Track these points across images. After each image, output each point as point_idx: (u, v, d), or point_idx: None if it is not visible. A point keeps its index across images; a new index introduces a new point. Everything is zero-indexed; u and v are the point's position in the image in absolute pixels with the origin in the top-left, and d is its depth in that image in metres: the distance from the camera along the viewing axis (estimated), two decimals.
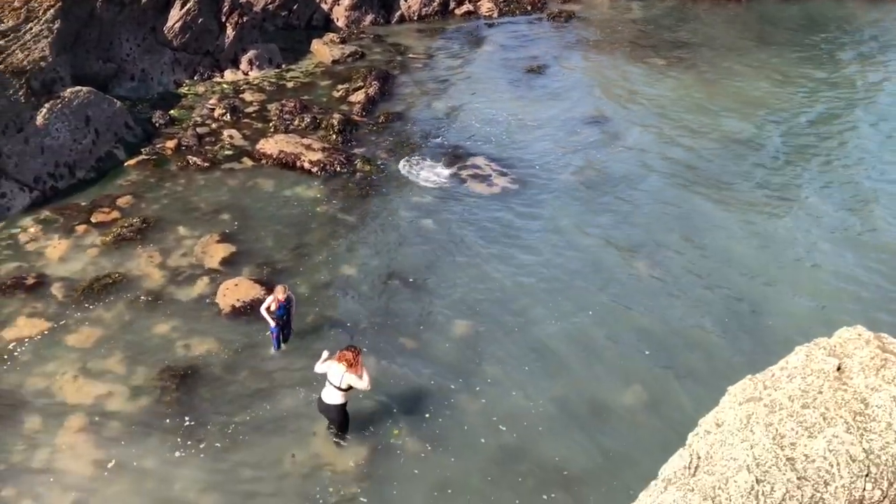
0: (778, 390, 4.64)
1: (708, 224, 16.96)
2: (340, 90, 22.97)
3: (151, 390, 11.89)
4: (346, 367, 10.26)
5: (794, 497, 3.85)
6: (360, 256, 15.54)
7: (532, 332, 13.51)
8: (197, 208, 16.71)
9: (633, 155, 20.05)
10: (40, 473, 10.44)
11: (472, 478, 10.64)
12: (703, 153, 20.10)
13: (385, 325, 13.54)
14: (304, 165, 18.54)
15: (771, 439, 4.24)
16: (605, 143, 20.64)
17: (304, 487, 10.40)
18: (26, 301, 13.60)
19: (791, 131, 21.54)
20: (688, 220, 17.07)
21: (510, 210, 17.35)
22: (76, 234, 15.55)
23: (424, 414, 11.66)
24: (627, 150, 20.29)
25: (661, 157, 19.95)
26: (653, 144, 20.62)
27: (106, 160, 18.03)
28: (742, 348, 13.05)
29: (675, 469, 4.77)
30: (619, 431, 11.50)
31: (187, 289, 14.22)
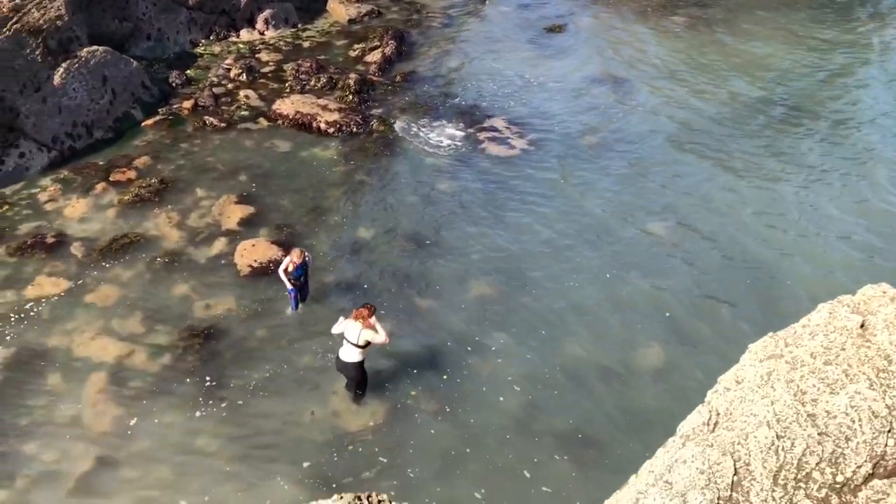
0: (800, 347, 4.60)
1: (723, 187, 16.74)
2: (356, 50, 22.76)
3: (171, 349, 12.01)
4: (363, 324, 10.33)
5: (815, 452, 3.82)
6: (376, 218, 15.51)
7: (547, 295, 13.49)
8: (214, 169, 16.71)
9: (650, 117, 19.78)
10: (63, 429, 10.61)
11: (488, 438, 10.70)
12: (718, 116, 19.78)
13: (401, 287, 13.56)
14: (321, 126, 18.45)
15: (792, 395, 4.21)
16: (622, 105, 20.37)
17: (322, 445, 10.52)
18: (46, 260, 13.72)
19: (805, 93, 21.11)
20: (704, 184, 16.85)
21: (526, 173, 17.22)
22: (94, 193, 15.62)
23: (440, 375, 11.72)
24: (644, 112, 20.02)
25: (679, 120, 19.66)
26: (670, 107, 20.31)
27: (123, 120, 18.04)
28: (756, 312, 12.94)
29: (693, 426, 4.76)
30: (634, 394, 11.50)
31: (205, 249, 14.28)
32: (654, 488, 4.35)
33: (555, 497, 9.76)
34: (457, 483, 9.98)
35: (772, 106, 20.36)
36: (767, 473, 3.87)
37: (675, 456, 4.51)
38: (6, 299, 12.81)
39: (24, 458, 10.16)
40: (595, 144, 18.47)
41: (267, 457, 10.31)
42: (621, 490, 4.96)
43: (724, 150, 18.21)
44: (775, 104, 20.44)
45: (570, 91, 21.18)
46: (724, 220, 15.61)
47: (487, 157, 17.76)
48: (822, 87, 21.57)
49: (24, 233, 14.40)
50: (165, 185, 15.89)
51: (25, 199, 15.40)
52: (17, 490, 9.72)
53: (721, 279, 13.93)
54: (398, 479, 9.97)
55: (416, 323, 12.71)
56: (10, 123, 15.85)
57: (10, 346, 11.88)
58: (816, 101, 20.66)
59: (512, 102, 20.39)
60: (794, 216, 15.73)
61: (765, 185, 16.78)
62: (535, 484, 9.99)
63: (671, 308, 13.17)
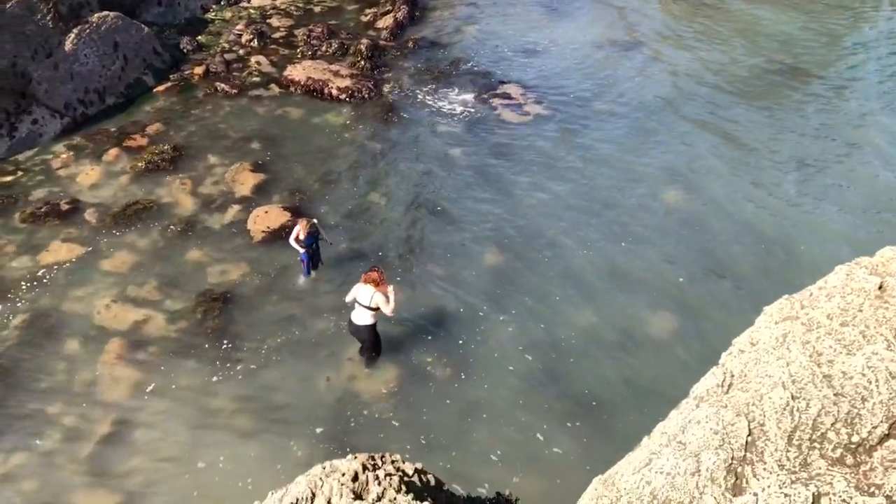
0: (816, 309, 4.56)
1: (732, 155, 16.55)
2: (368, 15, 22.53)
3: (187, 315, 12.09)
4: (374, 287, 10.37)
5: (830, 413, 3.80)
6: (389, 184, 15.47)
7: (561, 262, 13.45)
8: (226, 136, 16.68)
9: (666, 83, 19.53)
10: (82, 394, 10.74)
11: (501, 404, 10.75)
12: (727, 82, 19.51)
13: (414, 253, 13.56)
14: (332, 92, 18.34)
15: (808, 357, 4.18)
16: (640, 70, 20.13)
17: (336, 409, 10.60)
18: (61, 226, 13.79)
19: (813, 59, 20.72)
20: (713, 152, 16.65)
21: (541, 138, 17.09)
22: (107, 160, 15.64)
23: (453, 341, 11.75)
24: (657, 79, 19.77)
25: (691, 86, 19.40)
26: (687, 72, 20.04)
27: (135, 86, 18.00)
28: (773, 279, 12.86)
29: (707, 387, 4.75)
30: (648, 361, 11.50)
31: (219, 216, 14.30)
32: (668, 449, 4.36)
33: (566, 460, 9.82)
34: (470, 447, 10.06)
35: (779, 72, 20.04)
36: (782, 434, 3.86)
37: (688, 417, 4.51)
38: (22, 265, 12.91)
39: (45, 421, 10.30)
40: (607, 111, 18.29)
41: (282, 420, 10.41)
42: (633, 451, 4.97)
43: (732, 116, 17.98)
44: (782, 70, 20.12)
45: (583, 57, 20.92)
46: (733, 187, 15.45)
47: (500, 124, 17.62)
48: (828, 51, 21.21)
49: (38, 199, 14.46)
50: (178, 152, 15.88)
51: (39, 165, 15.45)
52: (38, 453, 9.88)
53: (729, 247, 13.83)
54: (412, 443, 10.05)
55: (428, 290, 12.72)
56: (22, 89, 15.84)
57: (28, 311, 12.00)
58: (822, 67, 20.32)
59: (524, 68, 20.19)
60: (802, 183, 15.57)
61: (772, 153, 16.58)
62: (547, 448, 10.05)
63: (680, 276, 13.11)
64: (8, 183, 14.86)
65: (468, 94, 18.75)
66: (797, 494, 3.44)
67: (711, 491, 3.79)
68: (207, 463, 9.76)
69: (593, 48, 21.34)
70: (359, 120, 17.55)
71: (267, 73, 19.23)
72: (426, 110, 18.10)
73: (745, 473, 3.78)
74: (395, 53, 20.62)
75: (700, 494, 3.82)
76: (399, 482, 4.34)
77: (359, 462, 4.57)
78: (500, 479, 9.15)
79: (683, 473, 4.01)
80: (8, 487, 9.38)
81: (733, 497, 3.71)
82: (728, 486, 3.77)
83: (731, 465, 3.86)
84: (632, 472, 4.50)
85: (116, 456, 9.87)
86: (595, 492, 4.69)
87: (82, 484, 9.47)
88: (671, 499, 3.95)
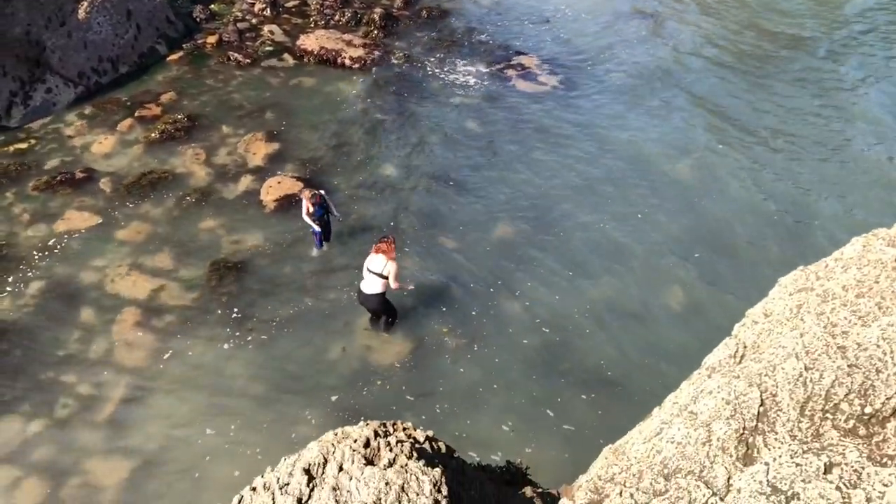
0: (831, 280, 4.52)
1: (753, 125, 16.39)
2: None
3: (201, 284, 12.16)
4: (386, 257, 10.39)
5: (844, 384, 3.78)
6: (401, 156, 15.42)
7: (574, 235, 13.40)
8: (239, 106, 16.65)
9: (682, 54, 19.31)
10: (98, 362, 10.85)
11: (514, 375, 10.75)
12: (750, 51, 19.30)
13: (426, 226, 13.53)
14: (345, 62, 18.24)
15: (822, 328, 4.15)
16: (655, 42, 19.89)
17: (349, 378, 10.66)
18: (75, 195, 13.85)
19: (843, 30, 20.41)
20: (734, 122, 16.50)
21: (555, 110, 16.95)
22: (121, 129, 15.66)
23: (468, 312, 11.75)
24: (675, 49, 19.55)
25: (712, 57, 19.18)
26: (703, 44, 19.80)
27: (148, 55, 17.96)
28: (786, 253, 12.77)
29: (720, 358, 4.73)
30: (660, 334, 11.48)
31: (232, 186, 14.32)
32: (679, 418, 4.35)
33: (578, 432, 9.85)
34: (482, 418, 10.11)
35: (805, 41, 19.76)
36: (794, 404, 3.84)
37: (700, 387, 4.50)
38: (38, 233, 13.00)
39: (60, 389, 10.42)
40: (624, 81, 18.11)
41: (295, 389, 10.49)
42: (644, 421, 4.97)
43: (754, 87, 17.79)
44: (809, 39, 19.83)
45: (600, 26, 20.69)
46: (754, 159, 15.32)
47: (515, 94, 17.49)
48: (859, 20, 20.84)
49: (52, 167, 14.52)
50: (192, 122, 15.88)
51: (52, 134, 15.49)
52: (55, 419, 10.01)
53: (748, 220, 13.73)
54: (424, 412, 10.10)
55: (442, 262, 12.71)
56: (36, 58, 15.85)
57: (43, 279, 12.09)
58: (852, 38, 19.99)
59: (540, 38, 19.98)
60: (826, 157, 15.39)
61: (797, 124, 16.40)
62: (559, 419, 10.08)
63: (692, 250, 13.05)
64: (22, 151, 14.92)
65: (482, 64, 18.60)
66: (808, 464, 3.43)
67: (722, 460, 3.79)
68: (220, 430, 9.86)
69: (612, 19, 21.10)
70: (372, 90, 17.46)
71: (280, 43, 19.13)
72: (439, 80, 17.97)
73: (757, 443, 3.77)
74: (408, 23, 20.44)
75: (710, 463, 3.82)
76: (410, 449, 4.37)
77: (370, 429, 4.60)
78: (511, 449, 9.20)
79: (694, 443, 4.01)
80: (26, 454, 9.53)
81: (744, 466, 3.71)
82: (739, 455, 3.77)
83: (742, 435, 3.85)
84: (642, 441, 4.51)
85: (131, 423, 9.99)
86: (605, 460, 4.70)
87: (98, 450, 9.60)
88: (681, 468, 3.96)
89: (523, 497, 4.94)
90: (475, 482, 4.60)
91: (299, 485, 4.12)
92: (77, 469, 9.36)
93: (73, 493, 9.09)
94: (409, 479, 4.04)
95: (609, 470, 4.53)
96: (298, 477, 4.18)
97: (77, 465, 9.42)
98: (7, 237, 12.84)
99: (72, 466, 9.40)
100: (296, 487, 4.12)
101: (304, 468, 4.23)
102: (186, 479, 9.24)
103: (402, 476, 4.05)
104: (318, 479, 4.18)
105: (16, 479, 9.21)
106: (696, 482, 3.78)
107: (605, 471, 4.59)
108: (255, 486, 4.43)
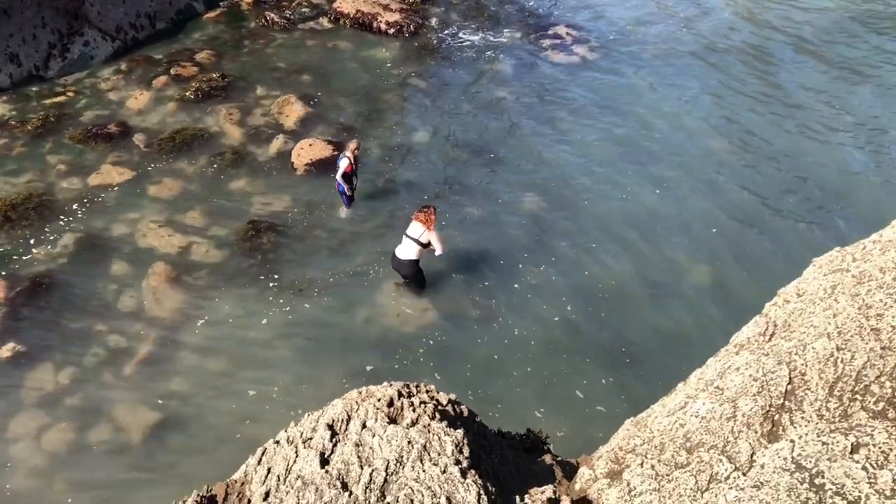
0: (868, 262, 4.43)
1: (788, 104, 16.05)
2: None
3: (231, 243, 12.25)
4: (424, 226, 10.41)
5: (876, 366, 3.72)
6: (433, 123, 15.35)
7: (601, 209, 13.29)
8: (274, 67, 16.65)
9: (719, 27, 18.95)
10: (127, 314, 11.02)
11: (537, 348, 10.73)
12: (793, 30, 18.82)
13: (454, 193, 13.49)
14: (381, 27, 18.13)
15: (856, 309, 4.08)
16: (693, 18, 19.52)
17: (373, 341, 10.72)
18: (110, 150, 13.99)
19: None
20: (770, 100, 16.17)
21: (588, 83, 16.75)
22: (156, 86, 15.75)
23: (493, 283, 11.70)
24: (714, 22, 19.19)
25: (751, 37, 18.77)
26: (743, 23, 19.39)
27: (185, 12, 18.00)
28: (819, 235, 12.56)
29: (748, 336, 4.68)
30: (686, 311, 11.37)
31: (265, 147, 14.37)
32: (704, 393, 4.33)
33: (600, 403, 9.84)
34: (504, 387, 10.12)
35: (856, 25, 19.22)
36: (823, 384, 3.80)
37: (727, 363, 4.46)
38: (73, 185, 13.17)
39: (91, 339, 10.60)
40: (659, 56, 17.81)
41: (320, 350, 10.55)
42: (668, 395, 4.95)
43: (794, 68, 17.38)
44: (860, 23, 19.28)
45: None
46: (790, 140, 15.02)
47: (549, 65, 17.29)
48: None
49: (87, 121, 14.67)
50: (227, 82, 15.91)
51: (89, 87, 15.63)
52: (85, 368, 10.20)
53: (778, 200, 13.51)
54: (446, 378, 10.14)
55: (468, 231, 12.68)
56: (76, 10, 15.95)
57: (77, 231, 12.27)
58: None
59: (575, 9, 19.71)
60: (866, 141, 15.05)
61: (837, 108, 16.03)
62: (581, 391, 10.07)
63: (722, 227, 12.88)
64: (58, 104, 15.07)
65: (517, 33, 18.39)
66: (835, 443, 3.40)
67: (747, 436, 3.76)
68: (244, 388, 9.99)
69: None
70: (406, 56, 17.35)
71: (316, 5, 19.05)
72: (474, 49, 17.81)
73: (783, 421, 3.74)
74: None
75: (735, 439, 3.80)
76: (433, 410, 4.39)
77: (394, 389, 4.63)
78: (532, 418, 9.22)
79: (719, 418, 3.99)
80: (56, 401, 9.75)
81: (769, 443, 3.68)
82: (764, 432, 3.74)
83: (768, 412, 3.82)
84: (665, 414, 4.49)
85: (159, 376, 10.15)
86: (627, 432, 4.70)
87: (125, 400, 9.78)
88: (705, 442, 3.94)
89: (542, 464, 4.96)
90: (496, 447, 4.62)
91: (322, 439, 4.17)
92: (104, 418, 9.56)
93: (100, 440, 9.29)
94: (431, 439, 4.07)
95: (630, 441, 4.53)
96: (322, 432, 4.23)
97: (103, 413, 9.61)
98: (44, 189, 13.02)
99: (97, 414, 9.58)
100: (319, 442, 4.17)
101: (327, 423, 4.28)
102: (209, 432, 9.40)
103: (425, 435, 4.08)
104: (340, 434, 4.22)
105: (45, 425, 9.43)
106: (718, 456, 3.76)
107: (626, 441, 4.59)
108: (279, 439, 4.49)
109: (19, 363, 10.17)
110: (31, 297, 11.10)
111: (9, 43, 15.09)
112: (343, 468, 3.97)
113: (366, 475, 3.89)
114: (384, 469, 3.91)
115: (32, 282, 11.29)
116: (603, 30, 18.73)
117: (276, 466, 4.20)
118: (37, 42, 15.45)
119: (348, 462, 3.99)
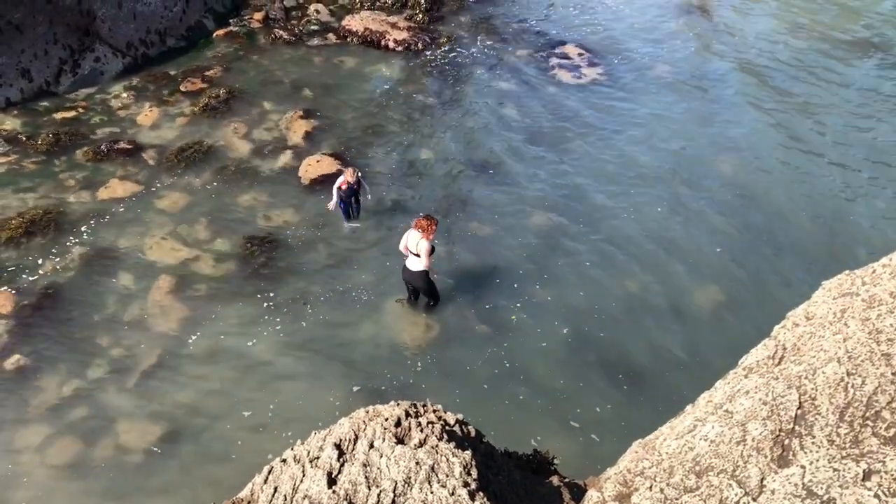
0: (878, 286, 4.42)
1: (796, 126, 16.05)
2: None
3: (235, 256, 12.29)
4: (421, 234, 10.42)
5: (887, 392, 3.71)
6: (439, 140, 15.40)
7: (608, 228, 13.28)
8: (282, 83, 16.75)
9: (730, 51, 18.98)
10: (131, 326, 11.04)
11: (542, 366, 10.66)
12: (808, 52, 18.87)
13: (459, 211, 13.50)
14: (389, 44, 18.24)
15: (867, 334, 4.07)
16: (701, 36, 19.58)
17: (378, 358, 10.70)
18: (119, 164, 14.07)
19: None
20: (777, 124, 16.16)
21: (595, 102, 16.79)
22: (166, 102, 15.85)
23: (498, 301, 11.68)
24: (724, 45, 19.22)
25: (760, 53, 18.82)
26: (753, 40, 19.43)
27: (195, 29, 18.13)
28: (828, 258, 12.50)
29: (757, 359, 4.67)
30: (692, 331, 11.33)
31: (271, 162, 14.44)
32: (713, 416, 4.31)
33: (606, 425, 9.79)
34: (509, 406, 10.08)
35: (868, 43, 19.26)
36: (834, 409, 3.78)
37: (736, 387, 4.44)
38: (82, 199, 13.23)
39: (95, 351, 10.63)
40: (667, 76, 17.86)
41: (321, 365, 10.55)
42: (676, 418, 4.93)
43: (803, 88, 17.41)
44: (871, 43, 19.32)
45: (647, 18, 20.43)
46: (801, 161, 15.02)
47: (556, 84, 17.36)
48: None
49: (99, 137, 14.75)
50: (235, 97, 16.02)
51: (100, 104, 15.73)
52: (88, 379, 10.22)
53: (785, 222, 13.48)
54: (452, 396, 10.10)
55: (473, 248, 12.69)
56: (86, 26, 16.08)
57: (85, 244, 12.33)
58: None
59: (584, 28, 19.78)
60: (880, 164, 15.02)
61: (849, 129, 16.03)
62: (586, 412, 10.03)
63: (730, 249, 12.85)
64: (69, 120, 15.17)
65: (525, 51, 18.48)
66: (847, 469, 3.38)
67: (756, 461, 3.74)
68: (244, 401, 9.98)
69: (658, 11, 20.80)
70: (413, 73, 17.44)
71: (325, 22, 19.19)
72: (482, 67, 17.90)
73: (793, 446, 3.72)
74: (453, 7, 20.37)
75: (744, 463, 3.78)
76: (441, 430, 4.38)
77: (402, 408, 4.62)
78: (537, 439, 9.18)
79: (728, 441, 3.97)
80: (61, 413, 9.74)
81: (779, 468, 3.66)
82: (774, 456, 3.72)
83: (778, 437, 3.80)
84: (674, 437, 4.47)
85: (162, 388, 10.16)
86: (635, 454, 4.68)
87: (128, 413, 9.78)
88: (714, 466, 3.92)
89: (550, 486, 4.94)
90: (503, 468, 4.60)
91: (330, 459, 4.16)
92: (108, 431, 9.54)
93: (103, 453, 9.27)
94: (439, 460, 4.05)
95: (639, 464, 4.51)
96: (329, 451, 4.22)
97: (106, 426, 9.60)
98: (56, 204, 13.08)
99: (101, 428, 9.57)
100: (326, 461, 4.16)
101: (335, 443, 4.27)
102: (212, 448, 9.38)
103: (433, 456, 4.07)
104: (348, 454, 4.21)
105: (49, 437, 9.42)
106: (728, 481, 3.74)
107: (634, 464, 4.57)
108: (286, 457, 4.48)
109: (25, 375, 10.20)
110: (38, 310, 11.15)
111: (21, 58, 15.22)
112: (350, 489, 3.95)
113: (373, 496, 3.87)
114: (392, 490, 3.90)
115: (39, 295, 11.34)
116: (611, 51, 18.80)
117: (282, 486, 4.18)
118: (48, 57, 15.58)
119: (356, 482, 3.98)
